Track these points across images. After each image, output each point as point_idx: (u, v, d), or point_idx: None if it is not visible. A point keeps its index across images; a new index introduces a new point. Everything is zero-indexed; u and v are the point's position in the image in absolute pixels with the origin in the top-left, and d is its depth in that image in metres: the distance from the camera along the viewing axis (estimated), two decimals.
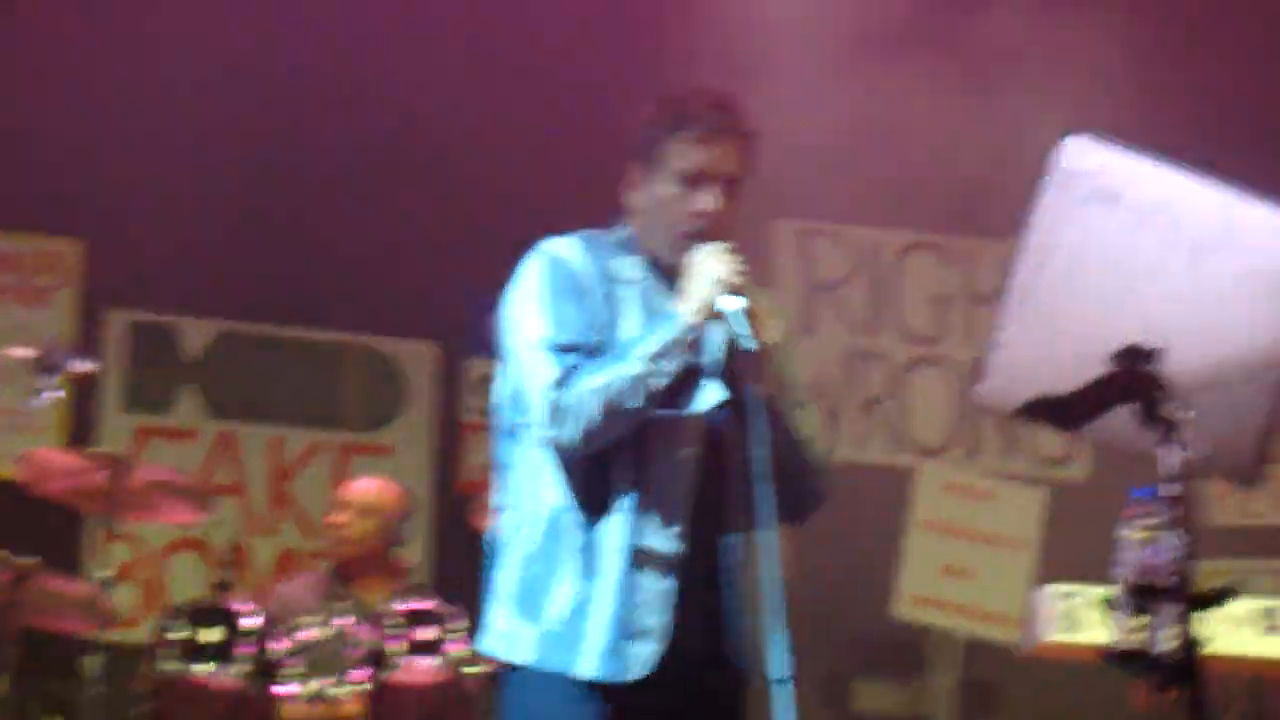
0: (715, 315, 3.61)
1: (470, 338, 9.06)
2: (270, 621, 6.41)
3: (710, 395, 3.74)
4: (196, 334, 8.95)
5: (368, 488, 7.23)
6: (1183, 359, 2.92)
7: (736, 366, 3.62)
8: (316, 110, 8.59)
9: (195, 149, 8.42)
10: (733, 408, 3.67)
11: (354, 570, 7.09)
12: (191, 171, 8.41)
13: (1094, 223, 2.96)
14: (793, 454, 3.74)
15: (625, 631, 3.65)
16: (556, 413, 3.63)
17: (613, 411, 3.60)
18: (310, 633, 6.34)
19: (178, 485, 6.86)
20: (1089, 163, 2.96)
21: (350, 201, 8.73)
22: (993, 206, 7.62)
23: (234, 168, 8.52)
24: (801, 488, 3.79)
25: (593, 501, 3.71)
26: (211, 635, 6.34)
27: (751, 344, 3.54)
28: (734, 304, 3.58)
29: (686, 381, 3.69)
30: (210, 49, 8.35)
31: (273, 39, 8.48)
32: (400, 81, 8.61)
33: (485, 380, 8.86)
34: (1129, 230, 2.97)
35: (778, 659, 3.31)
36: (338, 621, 6.38)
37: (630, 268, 3.84)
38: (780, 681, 3.34)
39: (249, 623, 6.40)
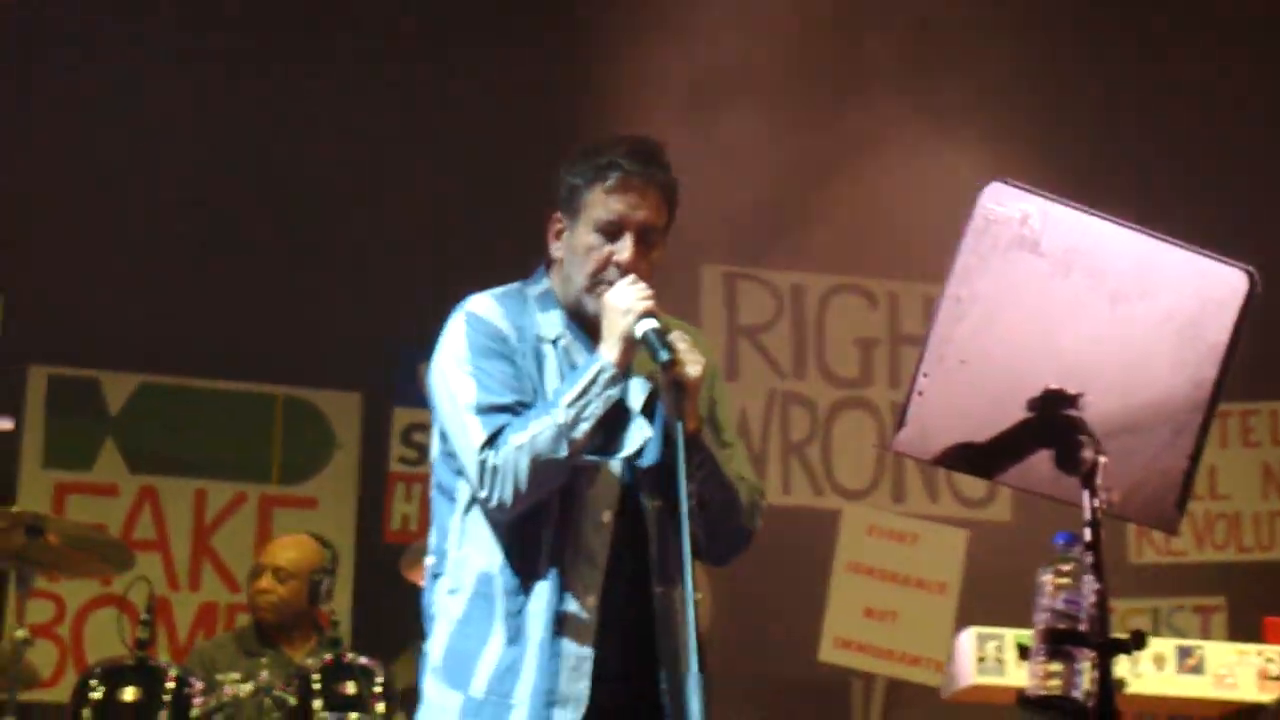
0: (631, 343, 3.61)
1: (396, 387, 9.04)
2: (191, 679, 6.33)
3: (638, 435, 3.72)
4: (117, 387, 8.87)
5: (287, 550, 7.18)
6: (1101, 404, 2.94)
7: (662, 400, 3.61)
8: (239, 163, 8.56)
9: (115, 203, 8.38)
10: (662, 445, 3.65)
11: (276, 627, 7.04)
12: (111, 224, 8.37)
13: (1014, 269, 2.97)
14: (720, 490, 3.73)
15: (549, 699, 3.63)
16: (487, 474, 3.61)
17: (541, 464, 3.58)
18: (232, 690, 6.27)
19: (98, 542, 6.78)
20: (1010, 209, 2.97)
21: (274, 251, 8.69)
22: (916, 249, 7.68)
23: (155, 220, 8.49)
24: (728, 525, 3.78)
25: (519, 566, 3.69)
26: (131, 694, 6.25)
27: (666, 358, 3.53)
28: (648, 326, 3.59)
29: (614, 423, 3.68)
30: (133, 107, 8.30)
31: (196, 97, 8.46)
32: (324, 132, 8.59)
33: (412, 429, 8.87)
34: (1049, 276, 2.98)
35: (695, 709, 3.29)
36: (260, 679, 6.32)
37: (551, 324, 3.83)
38: None
39: (169, 681, 6.32)
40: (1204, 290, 2.96)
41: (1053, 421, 2.93)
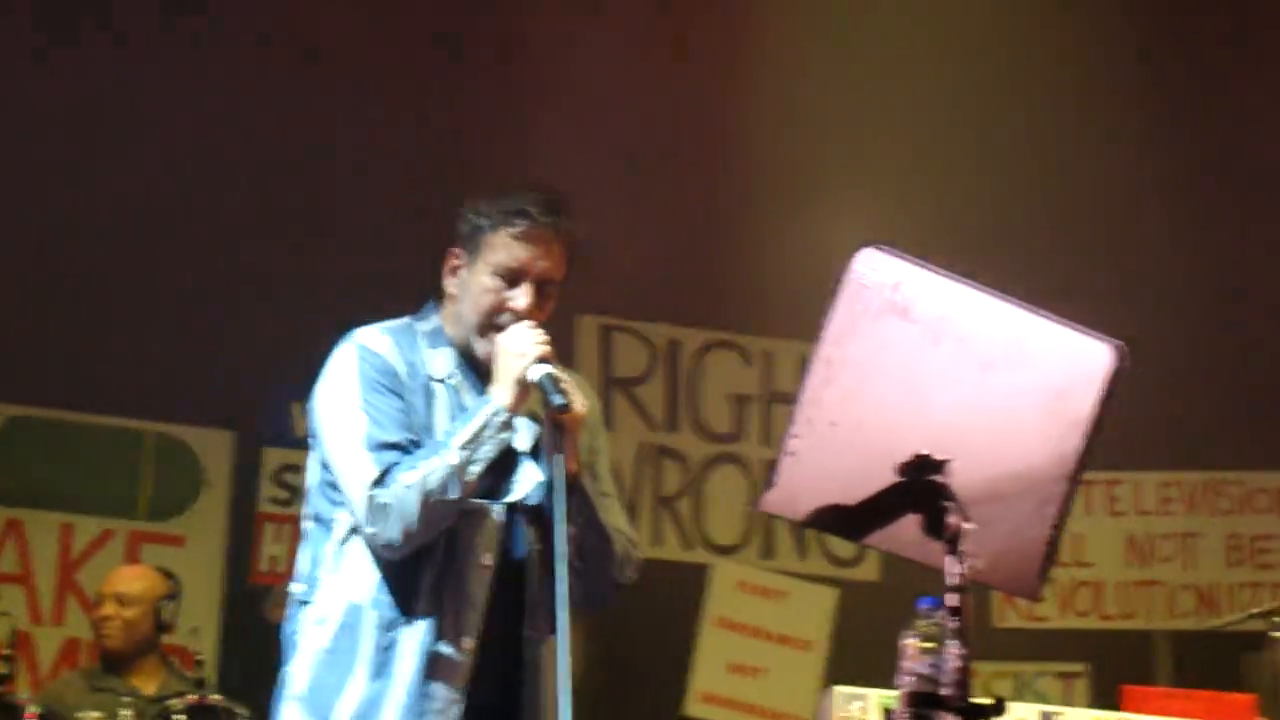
0: (525, 387, 3.61)
1: (268, 427, 8.97)
2: (50, 716, 6.25)
3: (528, 479, 3.72)
4: None
5: (126, 576, 7.14)
6: (968, 471, 2.97)
7: (548, 443, 3.62)
8: (113, 194, 8.48)
9: None
10: (544, 489, 3.66)
11: (125, 660, 6.96)
12: None
13: (886, 335, 3.00)
14: (596, 537, 3.75)
15: None
16: (376, 511, 3.59)
17: (432, 505, 3.58)
18: None
19: None
20: (882, 275, 3.00)
21: (145, 285, 8.61)
22: (792, 308, 7.73)
23: (23, 250, 8.38)
24: (600, 574, 3.79)
25: (394, 601, 3.67)
26: None
27: (562, 402, 3.53)
28: (541, 371, 3.59)
29: (504, 466, 3.68)
30: (4, 134, 8.22)
31: (73, 126, 8.38)
32: (201, 166, 8.54)
33: (283, 470, 8.80)
34: (920, 343, 3.00)
35: None
36: (120, 714, 6.25)
37: (441, 362, 3.81)
38: None
39: (29, 718, 6.23)
40: (1071, 363, 2.99)
41: (920, 486, 2.96)
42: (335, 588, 3.72)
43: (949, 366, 3.00)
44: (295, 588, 3.84)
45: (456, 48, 8.79)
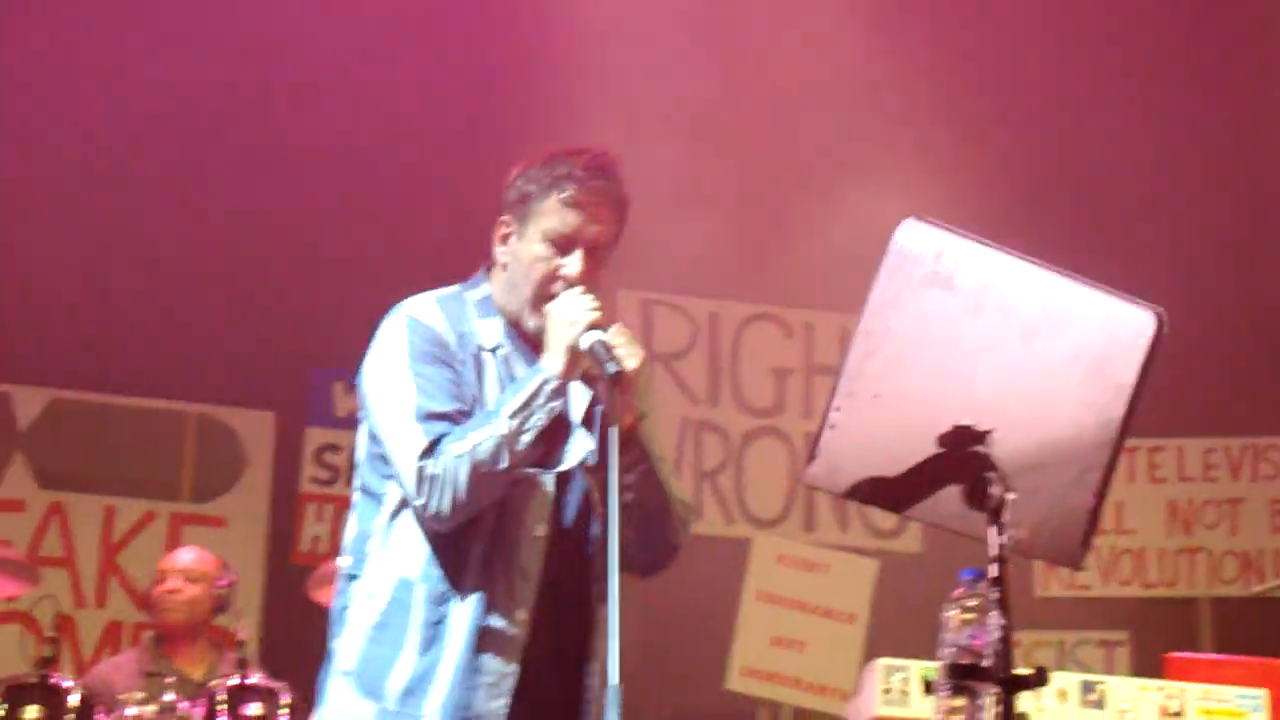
0: (576, 354, 3.57)
1: (310, 407, 9.00)
2: (93, 698, 6.28)
3: (579, 448, 3.70)
4: (27, 403, 8.79)
5: (189, 555, 7.15)
6: (1010, 441, 2.96)
7: (602, 404, 3.57)
8: (155, 179, 8.51)
9: (26, 218, 8.30)
10: (600, 454, 3.59)
11: (178, 642, 6.99)
12: (23, 238, 8.29)
13: (928, 306, 2.99)
14: (655, 493, 3.71)
15: (463, 714, 3.58)
16: (426, 482, 3.54)
17: (482, 475, 3.53)
18: (135, 710, 6.22)
19: (4, 558, 6.72)
20: (924, 246, 2.99)
21: (186, 269, 8.64)
22: (833, 281, 7.72)
23: (67, 234, 8.41)
24: (660, 534, 3.74)
25: (444, 575, 3.63)
26: (33, 712, 6.19)
27: (615, 370, 3.48)
28: (593, 338, 3.55)
29: (555, 435, 3.64)
30: (45, 124, 8.24)
31: (109, 119, 8.40)
32: (240, 151, 8.56)
33: (325, 450, 8.83)
34: (961, 313, 3.00)
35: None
36: (164, 698, 6.27)
37: (491, 332, 3.76)
38: None
39: (72, 700, 6.26)
40: (1113, 330, 2.98)
41: (962, 457, 2.95)
42: (385, 562, 3.69)
43: (991, 336, 2.99)
44: (343, 561, 3.81)
45: (507, 19, 8.77)
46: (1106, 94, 8.95)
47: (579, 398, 3.70)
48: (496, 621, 3.61)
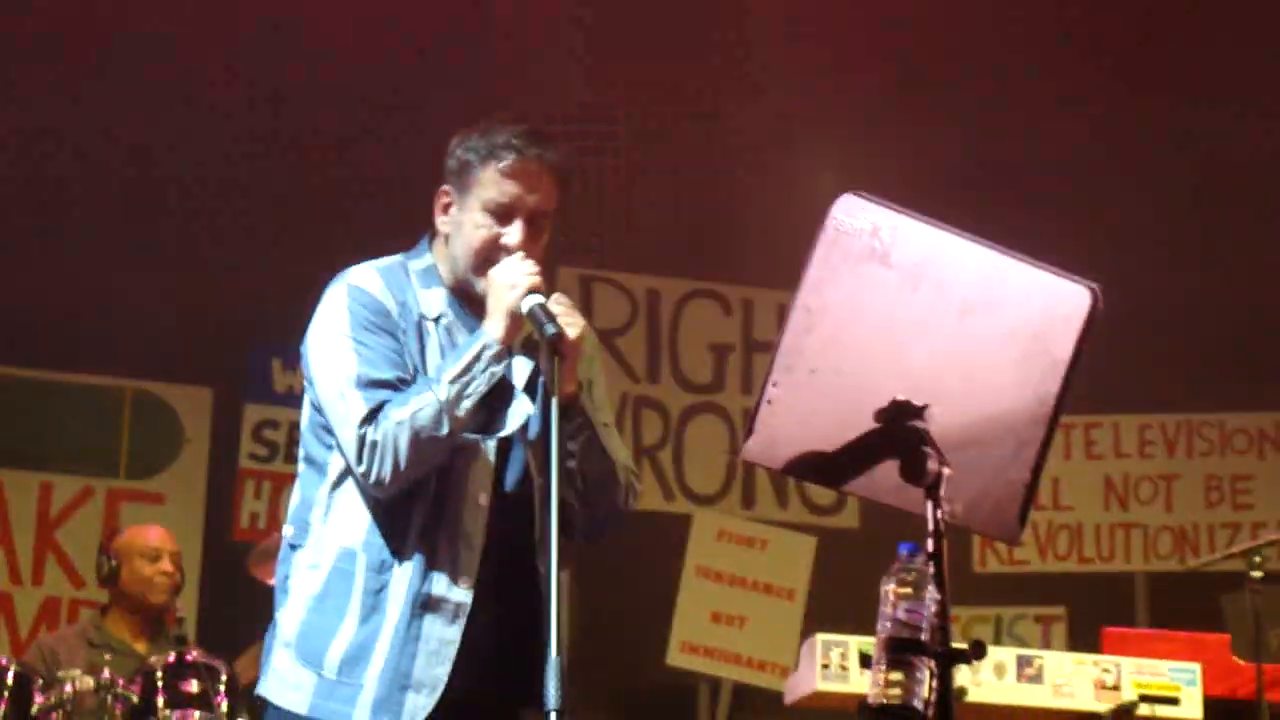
0: (517, 319, 3.58)
1: (248, 383, 8.98)
2: (31, 674, 6.25)
3: (519, 412, 3.70)
4: None
5: (164, 533, 7.12)
6: (947, 416, 2.97)
7: (542, 369, 3.58)
8: (90, 153, 8.46)
9: None
10: (543, 421, 3.60)
11: (134, 618, 6.97)
12: None
13: (864, 281, 2.99)
14: (598, 462, 3.71)
15: (402, 682, 3.59)
16: (367, 449, 3.56)
17: (423, 441, 3.54)
18: (73, 687, 6.19)
19: None
20: (861, 221, 2.99)
21: (124, 243, 8.59)
22: (771, 257, 7.74)
23: (3, 210, 8.36)
24: (604, 500, 3.75)
25: (385, 543, 3.64)
26: None
27: (554, 331, 3.49)
28: (532, 301, 3.57)
29: (497, 401, 3.65)
30: None
31: (45, 84, 8.35)
32: (178, 122, 8.51)
33: (263, 426, 8.81)
34: (898, 289, 3.00)
35: (553, 690, 3.27)
36: (102, 676, 6.25)
37: (434, 301, 3.77)
38: (555, 713, 3.28)
39: (8, 678, 6.22)
40: (1049, 305, 2.99)
41: (899, 432, 2.96)
42: (328, 532, 3.69)
43: (928, 311, 3.00)
44: (286, 530, 3.81)
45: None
46: (1053, 64, 8.97)
47: (522, 368, 3.71)
48: (438, 589, 3.61)
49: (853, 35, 8.68)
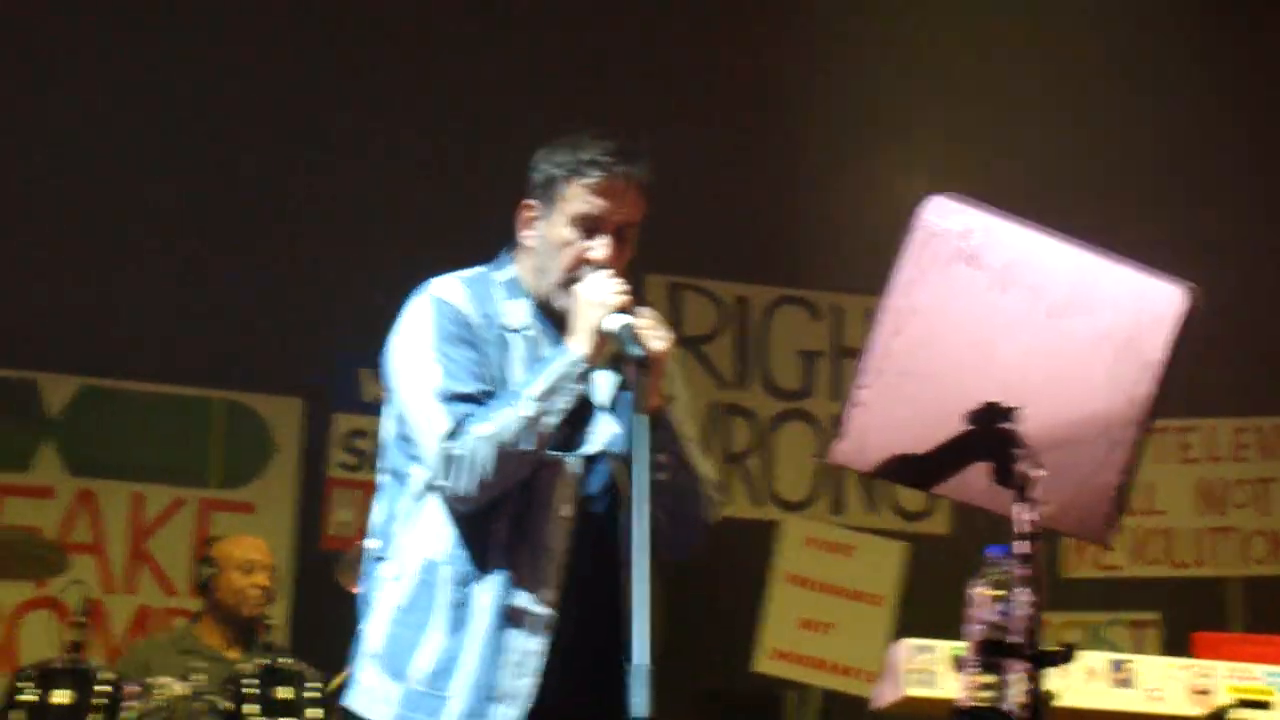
0: (602, 336, 3.57)
1: (337, 393, 9.02)
2: (125, 681, 6.30)
3: (604, 430, 3.70)
4: (56, 390, 8.82)
5: (262, 545, 7.18)
6: (1037, 418, 2.95)
7: (628, 386, 3.57)
8: (180, 167, 8.52)
9: (54, 205, 8.32)
10: (626, 435, 3.59)
11: (213, 628, 7.02)
12: (51, 225, 8.32)
13: (954, 283, 2.98)
14: (685, 475, 3.71)
15: (488, 693, 3.59)
16: (450, 463, 3.56)
17: (507, 457, 3.54)
18: (165, 693, 6.24)
19: (33, 544, 6.75)
20: (950, 222, 2.98)
21: (216, 255, 8.66)
22: (861, 262, 7.70)
23: (95, 222, 8.44)
24: (691, 514, 3.74)
25: (469, 556, 3.64)
26: (63, 697, 6.21)
27: (640, 353, 3.47)
28: (619, 321, 3.55)
29: (578, 416, 3.65)
30: (71, 107, 8.25)
31: (135, 99, 8.41)
32: (265, 137, 8.57)
33: (352, 435, 8.84)
34: (988, 290, 2.99)
35: (639, 699, 3.25)
36: (194, 682, 6.29)
37: (517, 313, 3.78)
38: None
39: (102, 684, 6.28)
40: (1141, 306, 2.97)
41: (989, 435, 2.94)
42: (411, 544, 3.70)
43: (1018, 313, 2.98)
44: (370, 543, 3.82)
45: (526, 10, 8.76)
46: (1148, 71, 8.90)
47: (604, 383, 3.71)
48: (521, 600, 3.61)
49: (949, 31, 8.64)
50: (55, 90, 8.27)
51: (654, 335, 3.55)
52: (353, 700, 3.74)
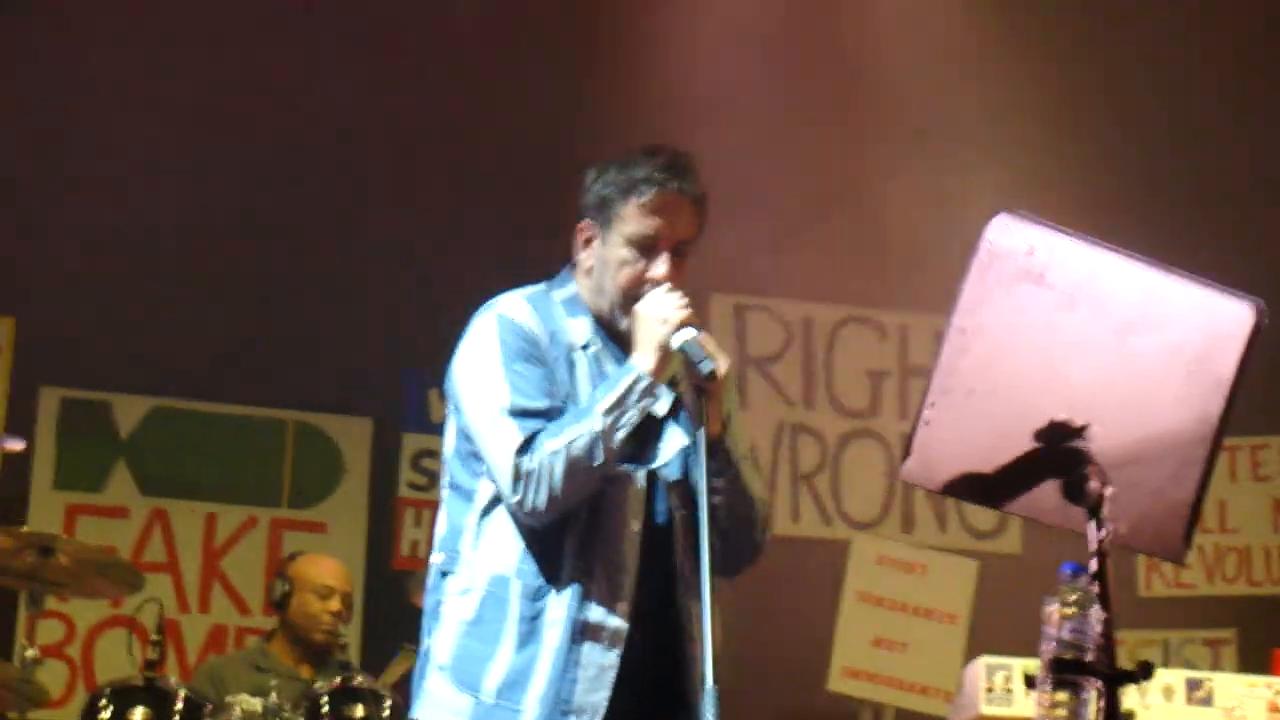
0: (667, 353, 3.61)
1: (406, 413, 9.05)
2: (200, 698, 6.34)
3: (673, 444, 3.72)
4: (129, 410, 8.89)
5: (340, 571, 7.18)
6: (1107, 435, 2.94)
7: (690, 407, 3.60)
8: (251, 186, 8.57)
9: (128, 227, 8.38)
10: (687, 454, 3.65)
11: (286, 646, 7.04)
12: (124, 246, 8.38)
13: (1020, 301, 2.98)
14: (741, 499, 3.73)
15: (562, 707, 3.61)
16: (522, 479, 3.58)
17: (576, 471, 3.57)
18: (241, 709, 6.28)
19: (108, 563, 6.80)
20: (1016, 241, 2.98)
21: (286, 277, 8.71)
22: (927, 281, 7.69)
23: (167, 243, 8.50)
24: (745, 536, 3.77)
25: (538, 569, 3.66)
26: (140, 714, 6.26)
27: (709, 367, 3.52)
28: (685, 336, 3.59)
29: (644, 431, 3.67)
30: (141, 126, 8.31)
31: (203, 116, 8.47)
32: (332, 158, 8.61)
33: (422, 455, 8.88)
34: (1055, 309, 2.98)
35: (710, 718, 3.27)
36: (269, 700, 6.32)
37: (580, 330, 3.80)
38: None
39: (179, 702, 6.32)
40: (1210, 323, 2.96)
41: (1059, 452, 2.94)
42: (478, 558, 3.72)
43: (1086, 331, 2.98)
44: (435, 558, 3.84)
45: (585, 20, 8.77)
46: (1216, 77, 8.85)
47: (663, 399, 3.72)
48: (595, 615, 3.63)
49: (1005, 48, 8.61)
50: (127, 114, 8.32)
51: (719, 356, 3.58)
52: (421, 710, 3.76)
